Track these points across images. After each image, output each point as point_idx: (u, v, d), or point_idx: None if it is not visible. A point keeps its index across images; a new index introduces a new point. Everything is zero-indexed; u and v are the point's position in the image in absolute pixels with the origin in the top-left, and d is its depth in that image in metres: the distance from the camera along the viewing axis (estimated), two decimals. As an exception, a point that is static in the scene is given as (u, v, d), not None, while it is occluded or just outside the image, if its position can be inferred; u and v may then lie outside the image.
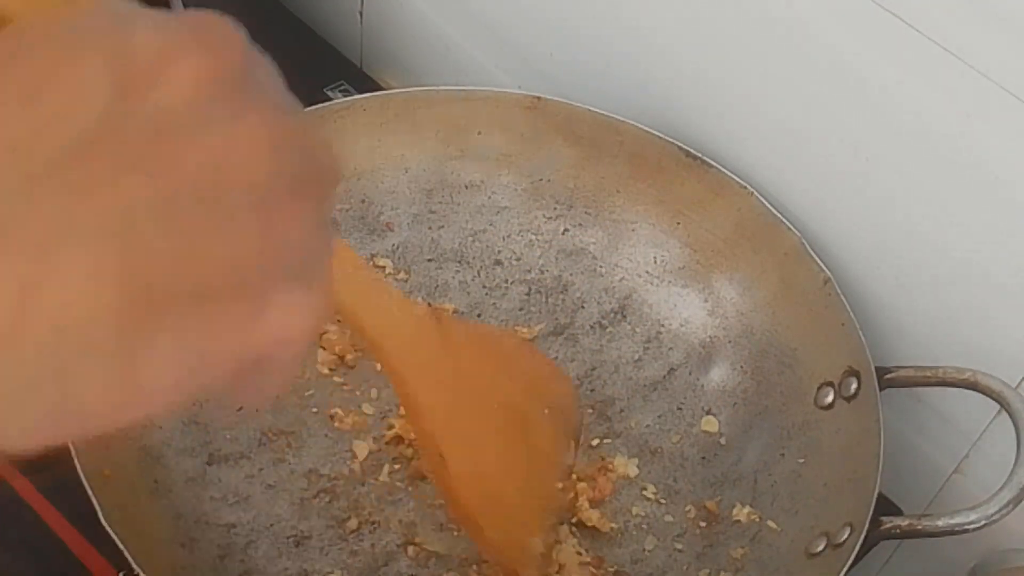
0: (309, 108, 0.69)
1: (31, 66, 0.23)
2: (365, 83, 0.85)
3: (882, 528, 0.56)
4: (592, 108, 0.70)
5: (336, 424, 0.65)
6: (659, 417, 0.67)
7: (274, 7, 0.89)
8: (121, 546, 0.51)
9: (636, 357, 0.70)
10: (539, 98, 0.71)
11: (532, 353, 0.63)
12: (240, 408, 0.25)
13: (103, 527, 0.53)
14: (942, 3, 0.55)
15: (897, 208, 0.63)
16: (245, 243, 0.24)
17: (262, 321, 0.24)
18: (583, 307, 0.71)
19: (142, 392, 0.23)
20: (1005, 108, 0.55)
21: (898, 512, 0.67)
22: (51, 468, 0.59)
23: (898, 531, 0.56)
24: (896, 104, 0.60)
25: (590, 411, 0.66)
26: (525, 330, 0.69)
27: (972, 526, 0.55)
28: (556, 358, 0.69)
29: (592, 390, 0.68)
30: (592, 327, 0.70)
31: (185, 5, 0.79)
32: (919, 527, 0.56)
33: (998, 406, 0.60)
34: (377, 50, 0.88)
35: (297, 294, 0.25)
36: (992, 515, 0.55)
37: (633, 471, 0.64)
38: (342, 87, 0.83)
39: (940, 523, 0.55)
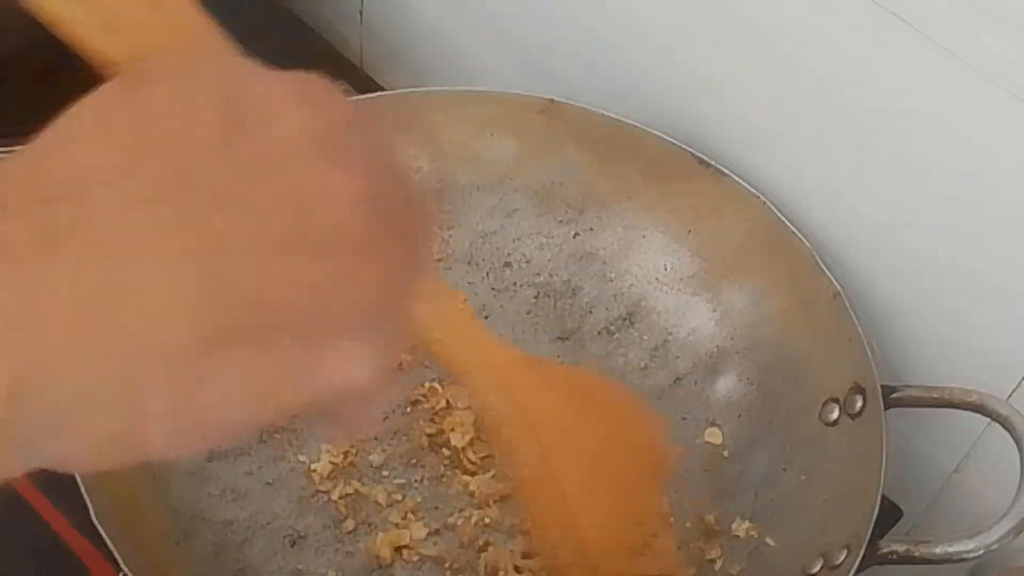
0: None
1: (146, 99, 0.24)
2: (365, 83, 0.84)
3: (879, 552, 0.55)
4: (606, 112, 0.70)
5: (337, 424, 0.65)
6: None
7: (274, 7, 0.89)
8: (109, 544, 0.51)
9: (643, 365, 0.69)
10: (552, 101, 0.70)
11: (621, 395, 0.60)
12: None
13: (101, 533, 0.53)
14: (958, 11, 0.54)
15: (909, 221, 0.62)
16: (317, 292, 0.24)
17: (321, 368, 0.25)
18: (591, 312, 0.70)
19: (202, 423, 0.24)
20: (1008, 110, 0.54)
21: (898, 512, 0.67)
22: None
23: (895, 556, 0.55)
24: (912, 115, 0.59)
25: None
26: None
27: (971, 554, 0.54)
28: (562, 363, 0.69)
29: (596, 397, 0.67)
30: (599, 333, 0.70)
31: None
32: (916, 553, 0.55)
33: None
34: (377, 50, 0.87)
35: (359, 347, 0.25)
36: (991, 544, 0.54)
37: (634, 481, 0.64)
38: (342, 88, 0.82)
39: (938, 550, 0.54)
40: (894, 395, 0.60)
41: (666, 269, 0.70)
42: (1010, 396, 0.61)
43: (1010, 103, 0.54)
